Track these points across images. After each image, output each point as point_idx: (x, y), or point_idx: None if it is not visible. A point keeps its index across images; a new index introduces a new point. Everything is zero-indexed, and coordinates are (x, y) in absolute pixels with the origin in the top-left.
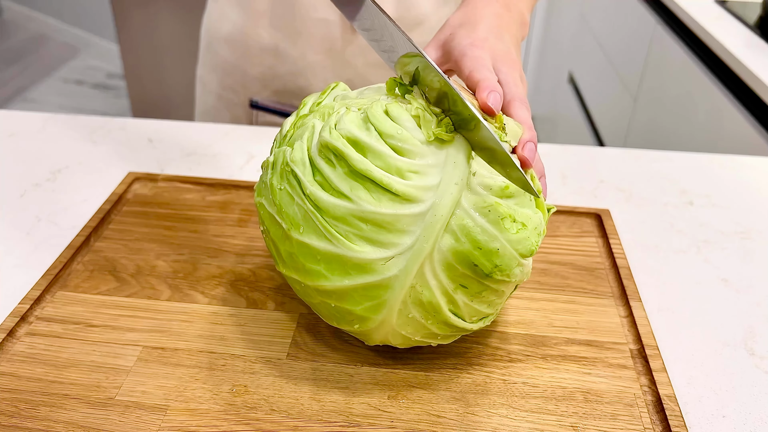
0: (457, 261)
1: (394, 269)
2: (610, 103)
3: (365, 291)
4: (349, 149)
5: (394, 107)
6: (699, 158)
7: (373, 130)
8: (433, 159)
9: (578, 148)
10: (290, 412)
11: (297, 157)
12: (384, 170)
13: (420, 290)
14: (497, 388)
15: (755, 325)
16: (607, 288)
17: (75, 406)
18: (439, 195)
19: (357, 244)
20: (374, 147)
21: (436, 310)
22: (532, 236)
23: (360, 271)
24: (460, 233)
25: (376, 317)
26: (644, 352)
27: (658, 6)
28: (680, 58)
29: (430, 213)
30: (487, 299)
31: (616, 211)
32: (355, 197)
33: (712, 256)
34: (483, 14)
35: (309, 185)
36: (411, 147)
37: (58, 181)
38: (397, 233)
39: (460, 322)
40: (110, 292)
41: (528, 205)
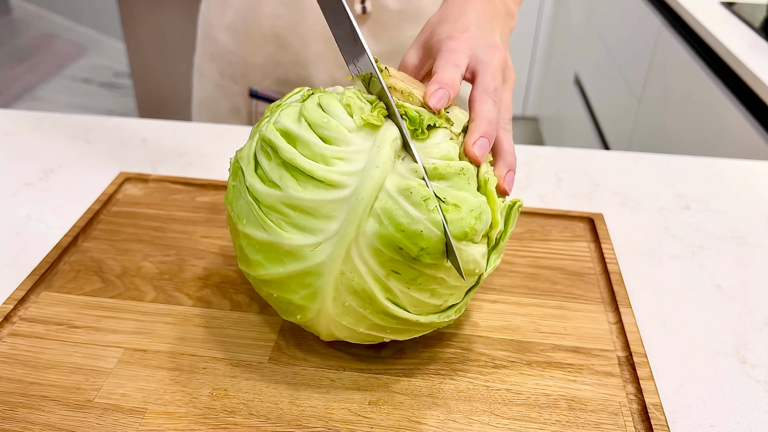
0: (383, 245)
1: (322, 255)
2: (615, 105)
3: (299, 278)
4: (280, 140)
5: (325, 98)
6: (697, 162)
7: (303, 121)
8: (361, 145)
9: (574, 151)
10: (269, 416)
11: (245, 153)
12: (309, 158)
13: (351, 276)
14: (480, 394)
15: (748, 332)
16: (597, 294)
17: (53, 408)
18: (361, 179)
19: (287, 231)
20: (303, 137)
21: (371, 298)
22: (466, 218)
23: (291, 258)
24: (384, 216)
25: (313, 306)
26: (632, 359)
27: (663, 7)
28: (684, 60)
29: (352, 197)
30: (427, 287)
31: (611, 215)
32: (283, 185)
33: (707, 262)
34: (464, 8)
35: (249, 178)
36: (337, 135)
37: (50, 180)
38: (322, 219)
39: (403, 312)
40: (95, 293)
41: (465, 188)
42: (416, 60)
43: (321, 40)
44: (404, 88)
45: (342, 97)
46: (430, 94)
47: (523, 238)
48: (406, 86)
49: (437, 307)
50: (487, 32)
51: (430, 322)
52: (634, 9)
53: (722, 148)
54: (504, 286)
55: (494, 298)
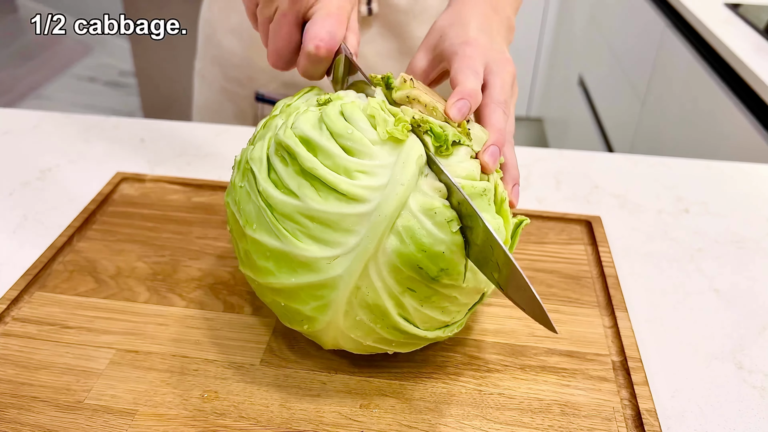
0: (402, 263)
1: (339, 269)
2: (619, 107)
3: (311, 290)
4: (300, 148)
5: (349, 107)
6: (697, 165)
7: (325, 129)
8: (384, 159)
9: (574, 153)
10: (259, 419)
11: (256, 155)
12: (331, 169)
13: (366, 292)
14: (472, 398)
15: (745, 337)
16: (593, 297)
17: (43, 409)
18: (385, 195)
19: (303, 241)
20: (324, 146)
21: (384, 314)
22: None
23: (306, 269)
24: (405, 235)
25: (323, 318)
26: (627, 364)
27: (667, 9)
28: (688, 62)
29: (375, 213)
30: (440, 305)
31: (609, 217)
32: (302, 195)
33: (705, 266)
34: (471, 14)
35: (262, 182)
36: (361, 147)
37: (47, 179)
38: (342, 232)
39: (412, 328)
40: (88, 294)
41: (486, 209)
42: (425, 64)
43: None
44: (428, 101)
45: (366, 107)
46: (452, 104)
47: (519, 241)
48: (430, 100)
49: (444, 323)
50: (497, 43)
51: (436, 336)
52: (638, 10)
53: (725, 150)
54: None
55: (489, 302)
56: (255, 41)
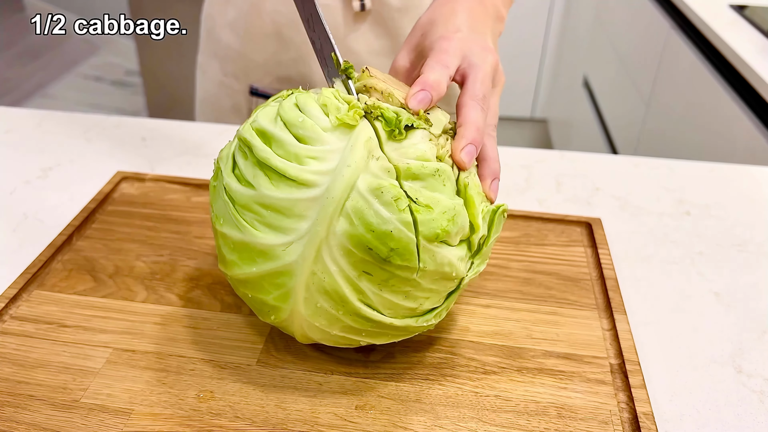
0: (353, 245)
1: (294, 255)
2: (623, 109)
3: (271, 278)
4: (255, 139)
5: (302, 97)
6: (700, 167)
7: (279, 120)
8: (335, 144)
9: (575, 154)
10: (254, 419)
11: (224, 153)
12: (283, 157)
13: (322, 276)
14: (468, 400)
15: (745, 341)
16: (592, 300)
17: (39, 408)
18: (333, 178)
19: (260, 230)
20: (278, 136)
21: (343, 299)
22: (438, 219)
23: (264, 257)
24: (354, 216)
25: (286, 306)
26: (624, 367)
27: (672, 10)
28: (693, 64)
29: (323, 196)
30: (401, 289)
31: (610, 219)
32: (257, 184)
33: (706, 269)
34: (455, 9)
35: (227, 177)
36: (312, 134)
37: (48, 178)
38: (294, 218)
39: (377, 315)
40: (86, 293)
41: (440, 190)
42: (407, 63)
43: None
44: (384, 88)
45: (319, 96)
46: (412, 95)
47: (518, 243)
48: (386, 87)
49: (412, 311)
50: (480, 34)
51: (407, 325)
52: (643, 11)
53: (730, 153)
54: (497, 291)
55: (487, 303)
56: (250, 36)
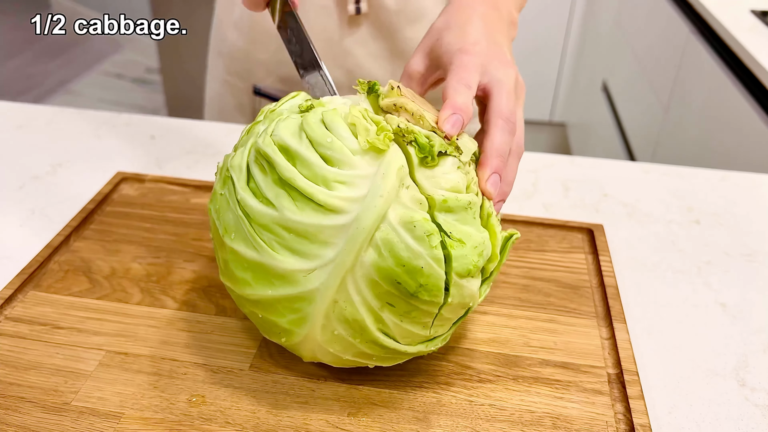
0: (381, 277)
1: (316, 282)
2: (641, 114)
3: (288, 303)
4: (278, 156)
5: (329, 114)
6: (712, 175)
7: (304, 137)
8: (364, 170)
9: (584, 160)
10: (245, 425)
11: (236, 162)
12: (309, 179)
13: (343, 306)
14: (462, 409)
15: (750, 354)
16: (591, 308)
17: (30, 410)
18: (363, 207)
19: (280, 253)
20: (303, 155)
21: (363, 328)
22: (470, 255)
23: (282, 281)
24: (384, 248)
25: (300, 331)
26: (622, 377)
27: (692, 14)
28: (712, 69)
29: (353, 225)
30: (421, 321)
31: (616, 226)
32: (280, 205)
33: (713, 279)
34: (470, 15)
35: (241, 191)
36: (341, 156)
37: (57, 174)
38: (319, 244)
39: (393, 343)
40: (81, 294)
41: (471, 222)
42: (422, 68)
43: (322, 39)
44: (415, 110)
45: (347, 115)
46: (445, 119)
47: (518, 248)
48: (417, 108)
49: (426, 338)
50: (498, 45)
51: (418, 351)
52: (663, 16)
53: (747, 161)
54: (495, 298)
55: (485, 310)
56: (254, 35)
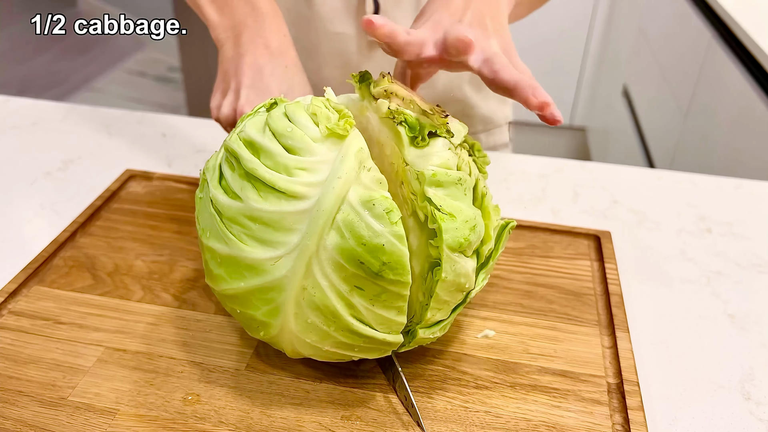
0: (345, 259)
1: (283, 269)
2: (661, 120)
3: (260, 294)
4: (243, 151)
5: (292, 106)
6: (725, 182)
7: (268, 130)
8: (325, 155)
9: (595, 165)
10: (238, 425)
11: (210, 164)
12: (272, 168)
13: (312, 292)
14: (457, 415)
15: (756, 367)
16: (594, 316)
17: (27, 404)
18: (323, 190)
19: (248, 244)
20: (266, 147)
21: (334, 315)
22: (461, 228)
23: (252, 272)
24: (345, 229)
25: (276, 322)
26: (623, 387)
27: (715, 19)
28: (733, 75)
29: (314, 209)
30: (393, 304)
31: (625, 233)
32: (245, 197)
33: (722, 290)
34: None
35: (213, 189)
36: (301, 144)
37: (68, 170)
38: (283, 231)
39: (369, 330)
40: (84, 290)
41: (461, 199)
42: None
43: (335, 65)
44: (405, 94)
45: (309, 105)
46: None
47: (522, 254)
48: (407, 93)
49: (402, 324)
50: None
51: (399, 341)
52: (685, 20)
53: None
54: (497, 303)
55: (485, 315)
56: None
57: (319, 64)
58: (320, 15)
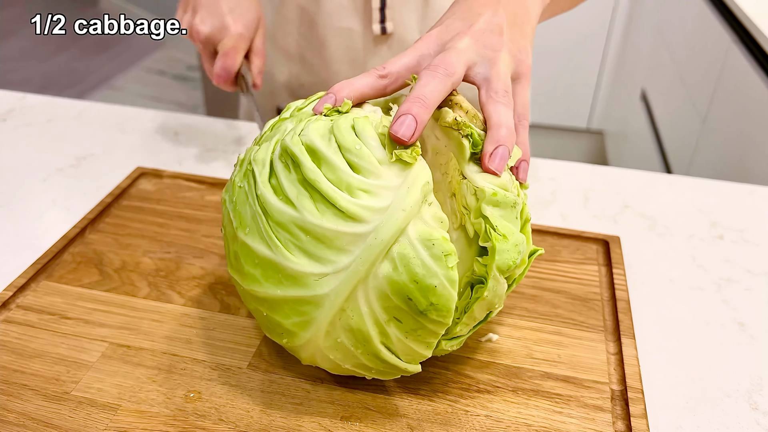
0: (392, 291)
1: (327, 287)
2: (679, 125)
3: (295, 305)
4: (304, 156)
5: (361, 122)
6: (739, 188)
7: (333, 141)
8: (390, 181)
9: (607, 169)
10: (238, 423)
11: (260, 157)
12: (334, 183)
13: (350, 314)
14: (457, 419)
15: (765, 377)
16: (600, 321)
17: (30, 398)
18: (384, 219)
19: (294, 254)
20: (330, 159)
21: (366, 340)
22: (512, 251)
23: (292, 282)
24: (400, 262)
25: (304, 334)
26: (626, 394)
27: (735, 23)
28: (753, 80)
29: (371, 235)
30: (425, 340)
31: (635, 239)
32: (300, 206)
33: (733, 297)
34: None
35: (261, 186)
36: (367, 165)
37: (80, 167)
38: (335, 250)
39: (394, 359)
40: (91, 286)
41: (513, 222)
42: None
43: (344, 62)
44: (470, 108)
45: (378, 124)
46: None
47: None
48: (471, 107)
49: (425, 357)
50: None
51: (415, 370)
52: (705, 23)
53: None
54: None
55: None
56: (276, 56)
57: (327, 59)
58: (327, 10)
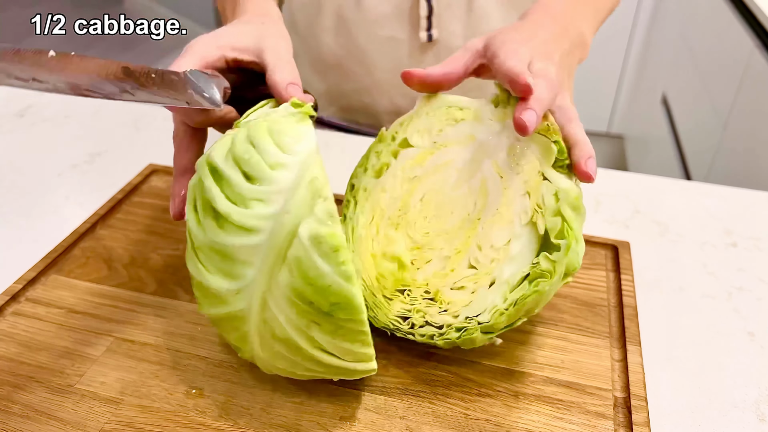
0: (296, 296)
1: (243, 302)
2: (700, 130)
3: (228, 321)
4: (207, 177)
5: (254, 128)
6: (755, 196)
7: (230, 156)
8: (281, 184)
9: (620, 174)
10: (238, 421)
11: (192, 182)
12: (229, 199)
13: (272, 325)
14: (456, 422)
15: None
16: (606, 327)
17: (35, 390)
18: (274, 224)
19: (212, 273)
20: (227, 174)
21: (297, 347)
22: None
23: (218, 301)
24: (294, 266)
25: (246, 348)
26: (629, 402)
27: (758, 26)
28: None
29: (266, 244)
30: (355, 338)
31: (646, 245)
32: (207, 227)
33: (744, 306)
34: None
35: (188, 213)
36: (259, 172)
37: (94, 163)
38: (241, 265)
39: (336, 360)
40: (100, 281)
41: (580, 230)
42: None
43: (386, 69)
44: (552, 120)
45: (271, 122)
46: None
47: None
48: (552, 119)
49: (369, 356)
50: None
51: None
52: (728, 28)
53: None
54: None
55: None
56: (313, 65)
57: (368, 67)
58: (369, 19)
